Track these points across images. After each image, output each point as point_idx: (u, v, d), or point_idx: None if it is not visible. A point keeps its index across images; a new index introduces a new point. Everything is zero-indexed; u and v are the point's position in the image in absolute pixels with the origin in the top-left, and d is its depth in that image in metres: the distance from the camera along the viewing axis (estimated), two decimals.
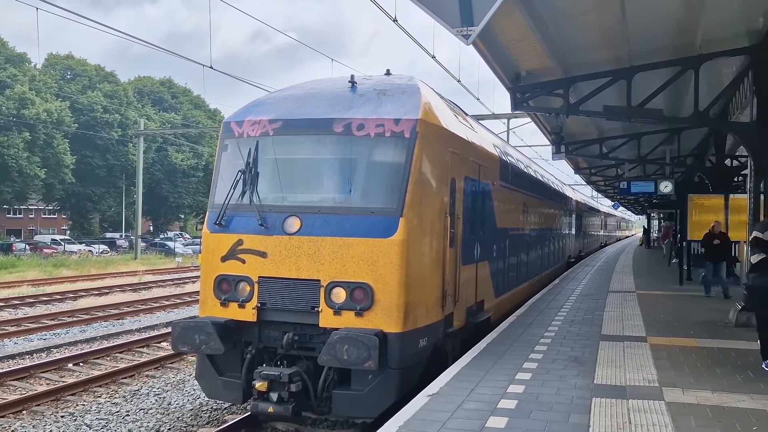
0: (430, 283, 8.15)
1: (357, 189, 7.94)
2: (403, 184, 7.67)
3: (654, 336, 10.41)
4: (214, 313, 8.12)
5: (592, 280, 20.63)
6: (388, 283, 7.43)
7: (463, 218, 9.40)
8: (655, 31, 11.43)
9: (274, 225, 7.92)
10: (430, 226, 8.12)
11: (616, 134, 21.11)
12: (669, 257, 29.23)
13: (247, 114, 8.75)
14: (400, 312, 7.43)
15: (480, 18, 7.66)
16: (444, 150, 8.62)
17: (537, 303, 14.64)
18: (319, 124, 8.17)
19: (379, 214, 7.64)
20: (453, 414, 6.18)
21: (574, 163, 31.31)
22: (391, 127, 7.89)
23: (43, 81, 56.92)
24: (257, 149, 8.30)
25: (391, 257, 7.45)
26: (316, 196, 8.14)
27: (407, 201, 7.61)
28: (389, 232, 7.50)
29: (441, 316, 8.48)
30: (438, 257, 8.32)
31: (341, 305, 7.54)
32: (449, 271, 8.70)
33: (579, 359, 8.63)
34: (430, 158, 8.11)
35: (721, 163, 19.63)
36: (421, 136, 7.88)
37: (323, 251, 7.63)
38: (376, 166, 8.03)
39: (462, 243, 9.36)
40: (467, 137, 9.88)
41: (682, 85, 13.60)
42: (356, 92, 8.55)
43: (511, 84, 13.67)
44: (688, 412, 6.30)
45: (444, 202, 8.52)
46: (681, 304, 14.61)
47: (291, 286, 7.78)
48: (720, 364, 8.47)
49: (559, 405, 6.50)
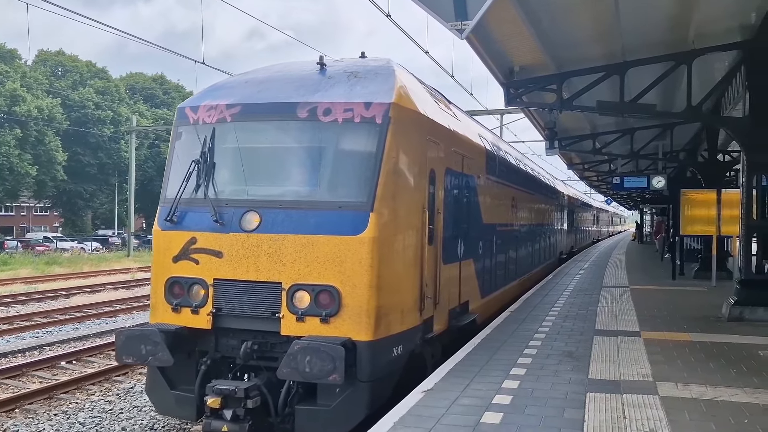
0: (406, 285, 7.48)
1: (323, 181, 7.25)
2: (374, 175, 6.97)
3: (648, 331, 10.43)
4: (165, 319, 7.38)
5: (585, 276, 20.68)
6: (357, 286, 6.75)
7: (444, 213, 8.74)
8: (648, 26, 11.43)
9: (231, 221, 7.19)
10: (406, 221, 7.48)
11: (609, 129, 21.17)
12: (662, 252, 29.35)
13: (203, 98, 8.00)
14: (371, 318, 6.76)
15: (474, 13, 7.63)
16: (422, 138, 7.92)
17: (531, 298, 14.65)
18: (281, 109, 7.43)
19: (347, 209, 6.94)
20: (448, 409, 6.17)
21: (567, 158, 31.37)
22: (361, 111, 7.16)
23: (34, 77, 56.54)
24: (213, 137, 7.54)
25: (361, 257, 6.77)
26: (277, 189, 7.40)
27: (379, 194, 6.92)
28: (358, 228, 6.82)
29: (419, 321, 7.82)
30: (415, 256, 7.65)
31: (305, 310, 6.83)
32: (428, 270, 8.02)
33: (573, 354, 8.64)
34: (406, 147, 7.43)
35: (713, 158, 19.68)
36: (395, 122, 7.17)
37: (285, 250, 6.93)
38: (344, 155, 7.31)
39: (443, 240, 8.71)
40: (449, 126, 9.21)
41: (674, 80, 13.62)
42: (325, 75, 7.81)
43: (504, 79, 13.65)
44: (682, 406, 6.31)
45: (422, 196, 7.84)
46: (674, 299, 14.66)
47: (249, 289, 7.04)
48: (713, 358, 8.50)
49: (554, 400, 6.50)
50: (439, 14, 7.70)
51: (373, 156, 7.05)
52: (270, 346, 7.09)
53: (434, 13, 7.71)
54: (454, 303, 9.49)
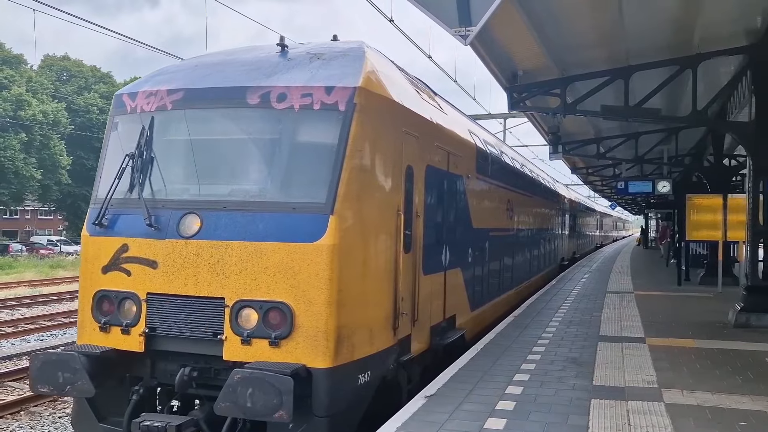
0: (375, 300, 6.52)
1: (275, 178, 6.32)
2: (336, 171, 6.05)
3: (653, 337, 10.37)
4: (93, 340, 6.42)
5: (589, 281, 20.60)
6: (313, 303, 5.82)
7: (424, 217, 7.84)
8: (652, 30, 11.40)
9: (168, 226, 6.25)
10: (375, 226, 6.54)
11: (613, 134, 21.09)
12: (667, 257, 29.23)
13: (144, 84, 7.09)
14: (330, 340, 5.81)
15: (478, 18, 7.61)
16: (396, 130, 7.00)
17: (534, 304, 14.60)
18: (229, 95, 6.52)
19: (302, 211, 6.03)
20: (451, 415, 6.13)
21: (571, 162, 31.30)
22: (321, 97, 6.25)
23: (39, 82, 56.84)
24: (151, 128, 6.63)
25: (318, 268, 5.83)
26: (222, 187, 6.48)
27: (341, 194, 6.01)
28: (315, 234, 5.89)
29: (392, 341, 6.87)
30: (387, 266, 6.72)
31: (251, 331, 5.89)
32: (404, 283, 7.07)
33: (577, 360, 8.59)
34: (375, 139, 6.53)
35: (719, 163, 19.61)
36: (362, 109, 6.26)
37: (229, 260, 6.00)
38: (301, 148, 6.40)
39: (423, 247, 7.79)
40: (431, 118, 8.29)
41: (679, 84, 13.58)
42: (286, 57, 6.94)
43: (508, 84, 13.64)
44: (687, 413, 6.25)
45: (395, 196, 6.92)
46: (679, 305, 14.58)
47: (188, 305, 6.09)
48: (719, 365, 8.43)
49: (558, 406, 6.45)
50: (443, 20, 7.67)
51: (335, 149, 6.13)
52: (213, 372, 6.11)
53: (438, 19, 7.69)
54: (438, 318, 8.59)
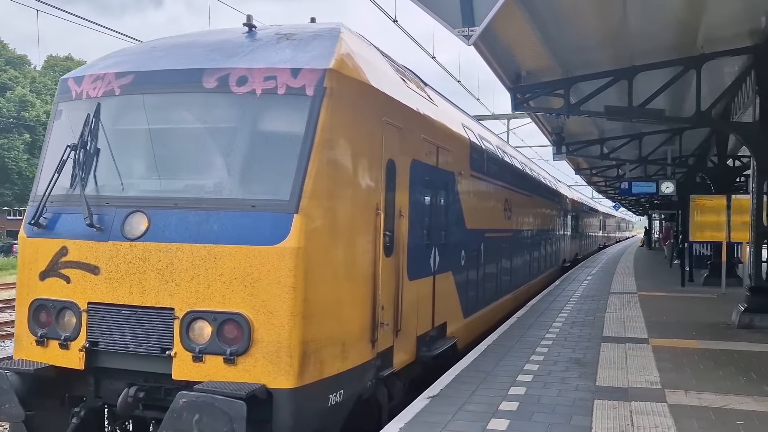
0: (349, 310, 5.88)
1: (234, 172, 5.60)
2: (302, 164, 5.39)
3: (656, 338, 10.35)
4: (30, 355, 5.75)
5: (593, 282, 20.57)
6: (274, 314, 5.15)
7: (409, 216, 7.23)
8: (656, 31, 11.38)
9: (111, 226, 5.59)
10: (349, 226, 5.91)
11: (617, 134, 21.07)
12: (670, 258, 29.17)
13: (92, 67, 6.47)
14: (294, 356, 5.14)
15: (481, 18, 7.60)
16: (374, 119, 6.37)
17: (538, 305, 14.59)
18: (183, 78, 5.85)
19: (263, 210, 5.35)
20: (454, 416, 6.12)
21: (574, 163, 31.28)
22: (286, 80, 5.61)
23: (43, 83, 57.03)
24: (97, 116, 5.94)
25: (280, 274, 5.16)
26: (173, 182, 5.78)
27: (307, 189, 5.35)
28: (277, 235, 5.22)
29: (370, 355, 6.22)
30: (363, 271, 6.10)
31: (204, 347, 5.22)
32: (384, 289, 6.43)
33: (581, 361, 8.57)
34: (349, 128, 5.91)
35: (723, 164, 19.56)
36: (333, 94, 5.63)
37: (179, 265, 5.33)
38: (262, 137, 5.73)
39: (408, 250, 7.19)
40: (418, 109, 7.68)
41: (683, 85, 13.54)
42: (252, 38, 6.31)
43: (511, 84, 13.63)
44: (690, 414, 6.24)
45: (374, 193, 6.30)
46: (683, 306, 14.55)
47: (133, 317, 5.44)
48: (723, 366, 8.40)
49: (561, 407, 6.44)
50: (446, 20, 7.67)
51: (301, 139, 5.47)
52: (164, 392, 5.43)
53: (441, 19, 7.69)
54: (426, 327, 7.99)
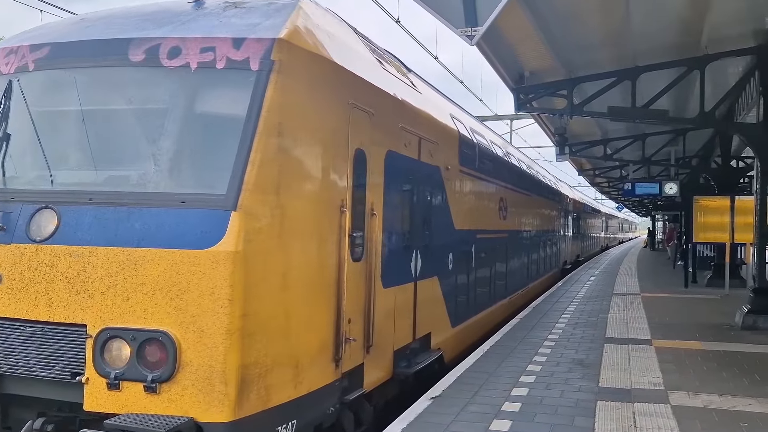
0: (305, 326, 5.08)
1: (161, 161, 4.72)
2: (242, 151, 4.56)
3: (659, 339, 10.33)
4: None
5: (596, 283, 20.55)
6: (206, 332, 4.32)
7: (384, 215, 6.46)
8: (660, 31, 11.36)
9: (14, 225, 4.74)
10: (304, 226, 5.09)
11: (620, 135, 21.05)
12: (674, 259, 29.12)
13: (9, 41, 5.74)
14: (230, 384, 4.31)
15: (484, 18, 7.60)
16: (338, 101, 5.57)
17: (540, 306, 14.58)
18: (105, 50, 5.01)
19: (195, 206, 4.49)
20: (456, 417, 6.11)
21: (578, 164, 31.23)
22: (226, 51, 4.79)
23: None
24: (7, 95, 5.18)
25: (213, 284, 4.34)
26: (89, 173, 4.93)
27: (249, 182, 4.51)
28: (210, 237, 4.39)
29: (332, 377, 5.48)
30: (324, 279, 5.33)
31: (122, 372, 4.38)
32: (352, 300, 5.73)
33: (583, 362, 8.56)
34: (304, 111, 5.08)
35: (726, 165, 19.52)
36: (284, 69, 4.80)
37: (93, 273, 4.49)
38: (197, 120, 4.87)
39: (383, 254, 6.46)
40: (395, 93, 6.90)
41: (687, 85, 13.52)
42: (197, 7, 5.47)
43: (514, 85, 13.62)
44: (694, 415, 6.22)
45: (337, 188, 5.52)
46: (686, 307, 14.52)
47: (38, 334, 4.58)
48: (726, 367, 8.38)
49: (564, 408, 6.43)
50: (449, 20, 7.67)
51: (243, 121, 4.65)
52: (79, 424, 4.55)
53: (444, 20, 7.69)
54: (405, 339, 7.23)
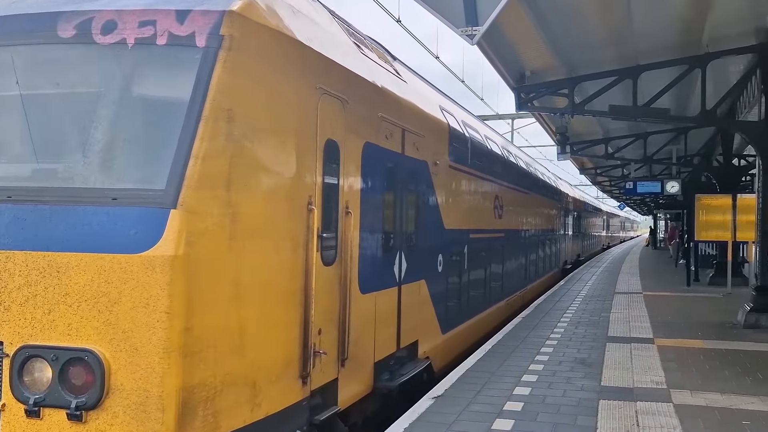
0: (264, 340, 4.51)
1: (91, 153, 4.15)
2: (186, 140, 4.01)
3: (661, 337, 10.32)
4: None
5: (598, 282, 20.54)
6: (140, 350, 3.79)
7: (362, 214, 6.01)
8: (661, 30, 11.35)
9: None
10: (262, 226, 4.51)
11: (621, 134, 21.05)
12: (676, 258, 29.11)
13: None
14: (169, 410, 3.78)
15: (485, 18, 7.61)
16: (304, 86, 5.03)
17: (542, 305, 14.57)
18: (31, 26, 4.42)
19: (128, 203, 3.94)
20: (459, 416, 6.12)
21: (579, 163, 31.24)
22: (169, 25, 4.22)
23: None
24: None
25: (149, 294, 3.80)
26: (11, 167, 4.42)
27: (192, 175, 3.95)
28: (146, 239, 3.84)
29: (299, 395, 4.97)
30: (287, 286, 4.80)
31: (42, 397, 3.86)
32: (323, 308, 5.23)
33: (586, 361, 8.56)
34: (261, 94, 4.50)
35: (728, 163, 19.51)
36: (236, 46, 4.24)
37: (10, 282, 3.97)
38: (133, 104, 4.30)
39: (361, 256, 5.99)
40: (374, 80, 6.40)
41: (688, 84, 13.52)
42: None
43: (515, 84, 13.62)
44: (696, 414, 6.21)
45: (303, 183, 4.99)
46: (688, 306, 14.50)
47: None
48: (728, 365, 8.37)
49: (566, 407, 6.43)
50: (450, 20, 7.68)
51: (187, 105, 4.09)
52: None
53: (445, 19, 7.70)
54: (388, 349, 6.74)
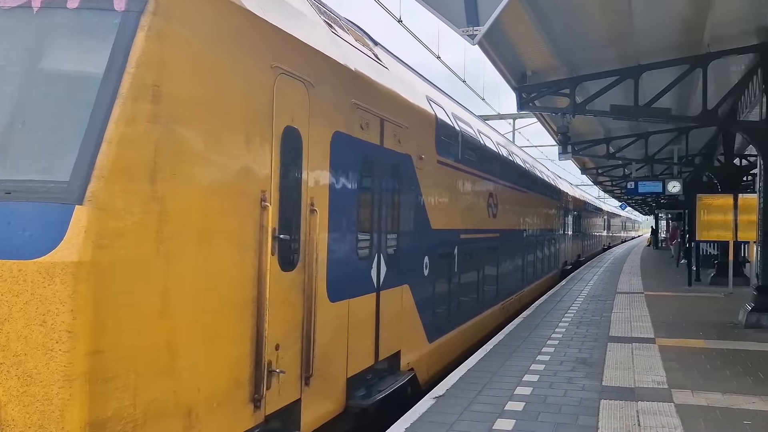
0: (205, 360, 3.92)
1: None
2: (97, 122, 3.42)
3: (662, 337, 10.31)
4: None
5: (599, 282, 20.53)
6: (35, 378, 3.18)
7: (331, 212, 5.43)
8: (662, 30, 11.35)
9: None
10: (199, 226, 3.88)
11: (623, 134, 21.04)
12: (677, 258, 29.09)
13: None
14: None
15: (485, 18, 7.62)
16: (255, 63, 4.39)
17: (544, 305, 14.57)
18: None
19: (23, 197, 3.33)
20: (460, 416, 6.12)
21: (580, 162, 31.22)
22: None
23: None
24: None
25: (46, 310, 3.19)
26: None
27: (103, 165, 3.35)
28: (44, 242, 3.24)
29: (252, 422, 4.39)
30: (235, 295, 4.16)
31: None
32: (281, 320, 4.63)
33: (587, 361, 8.56)
34: (199, 70, 3.90)
35: (729, 163, 19.50)
36: (165, 12, 3.69)
37: None
38: (36, 79, 3.67)
39: (330, 259, 5.38)
40: (346, 63, 5.83)
41: (690, 83, 13.51)
42: None
43: (516, 84, 13.62)
44: (697, 414, 6.21)
45: (255, 176, 4.35)
46: (690, 305, 14.49)
47: None
48: (730, 365, 8.37)
49: (568, 407, 6.43)
50: (451, 20, 7.68)
51: (99, 81, 3.50)
52: None
53: (446, 19, 7.70)
54: (364, 363, 6.12)
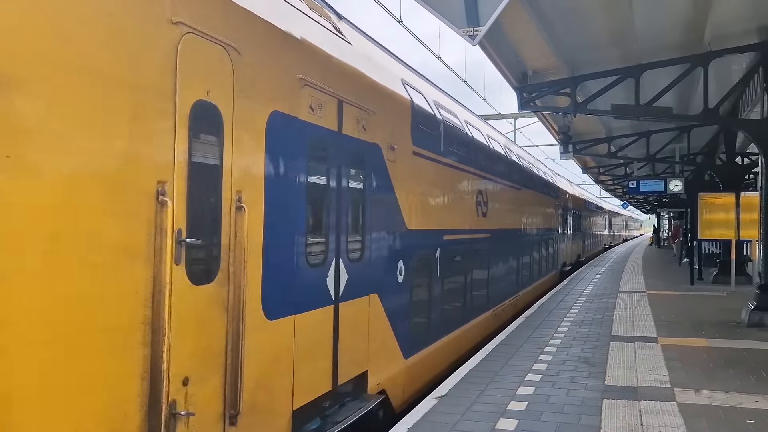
0: (66, 407, 3.18)
1: None
2: None
3: (665, 336, 10.31)
4: None
5: (601, 281, 20.51)
6: None
7: (266, 209, 4.68)
8: (663, 29, 11.35)
9: None
10: (57, 228, 3.12)
11: (624, 133, 21.02)
12: (680, 257, 29.05)
13: None
14: None
15: (486, 18, 7.63)
16: (146, 15, 3.64)
17: (546, 304, 14.56)
18: None
19: None
20: (462, 416, 6.13)
21: (582, 162, 31.20)
22: None
23: None
24: None
25: None
26: None
27: None
28: None
29: None
30: (115, 319, 3.41)
31: None
32: (192, 347, 3.95)
33: (589, 360, 8.55)
34: (58, 23, 3.14)
35: (731, 161, 19.47)
36: None
37: None
38: None
39: (265, 268, 4.65)
40: (291, 30, 5.13)
41: (691, 82, 13.50)
42: None
43: (517, 83, 13.62)
44: (700, 413, 6.21)
45: (146, 162, 3.62)
46: (692, 304, 14.47)
47: None
48: (732, 364, 8.36)
49: (570, 406, 6.44)
50: (451, 20, 7.70)
51: None
52: None
53: (446, 19, 7.72)
54: (317, 389, 5.43)
